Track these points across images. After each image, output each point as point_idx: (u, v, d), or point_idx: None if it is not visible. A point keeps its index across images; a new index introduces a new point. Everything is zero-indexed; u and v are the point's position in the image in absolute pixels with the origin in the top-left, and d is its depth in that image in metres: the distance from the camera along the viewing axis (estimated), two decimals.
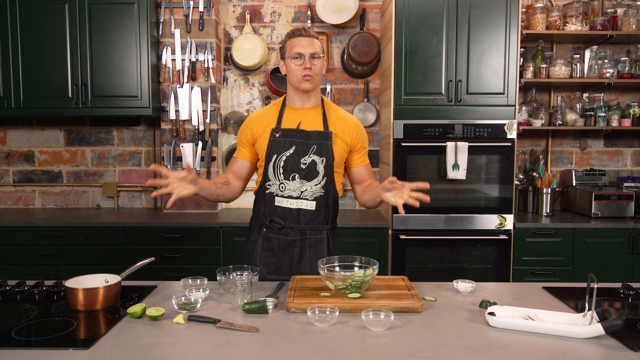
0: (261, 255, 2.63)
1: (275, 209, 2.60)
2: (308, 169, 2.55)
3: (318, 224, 2.62)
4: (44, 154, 4.98)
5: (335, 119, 2.64)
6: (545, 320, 1.84)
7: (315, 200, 2.58)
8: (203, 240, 4.15)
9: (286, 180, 2.56)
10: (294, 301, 2.02)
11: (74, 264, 4.15)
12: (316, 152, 2.55)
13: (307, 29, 2.62)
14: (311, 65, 2.51)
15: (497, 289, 2.38)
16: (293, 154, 2.55)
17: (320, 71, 2.57)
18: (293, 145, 2.55)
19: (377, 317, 1.85)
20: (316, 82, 2.56)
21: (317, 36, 2.59)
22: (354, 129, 2.66)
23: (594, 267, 4.13)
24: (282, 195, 2.58)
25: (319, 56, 2.55)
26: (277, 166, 2.56)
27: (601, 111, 4.59)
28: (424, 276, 4.16)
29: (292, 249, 2.61)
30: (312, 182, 2.56)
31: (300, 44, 2.53)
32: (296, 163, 2.55)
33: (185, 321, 1.89)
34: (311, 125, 2.60)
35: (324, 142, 2.57)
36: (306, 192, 2.56)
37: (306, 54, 2.51)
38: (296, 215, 2.58)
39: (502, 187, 4.15)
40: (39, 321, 1.89)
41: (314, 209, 2.58)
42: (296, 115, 2.62)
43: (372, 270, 2.11)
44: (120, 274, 2.20)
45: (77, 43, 4.35)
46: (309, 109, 2.64)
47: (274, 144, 2.57)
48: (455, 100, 4.11)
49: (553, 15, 4.46)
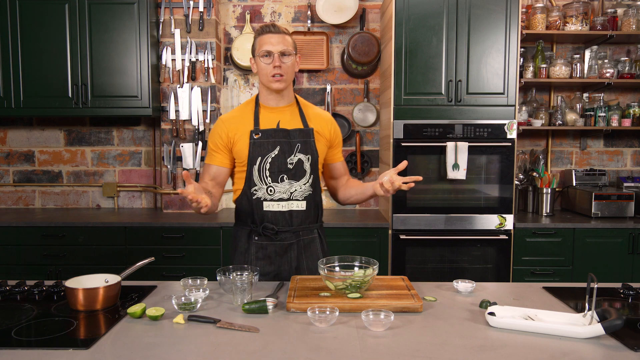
0: (257, 264, 2.53)
1: (265, 215, 2.50)
2: (295, 168, 2.49)
3: (309, 224, 2.58)
4: (44, 154, 4.98)
5: (313, 116, 2.61)
6: (545, 320, 1.84)
7: (306, 200, 2.53)
8: (203, 240, 4.15)
9: (274, 183, 2.48)
10: (294, 301, 2.02)
11: (74, 264, 4.15)
12: (301, 150, 2.50)
13: (277, 25, 2.48)
14: (280, 63, 2.43)
15: (497, 289, 2.38)
16: (278, 154, 2.47)
17: (291, 69, 2.48)
18: (277, 146, 2.47)
19: (377, 317, 1.85)
20: (287, 80, 2.48)
21: (287, 32, 2.50)
22: (331, 125, 2.65)
23: (594, 267, 4.13)
24: (272, 199, 2.49)
25: (290, 53, 2.45)
26: (262, 169, 2.47)
27: (601, 111, 4.59)
28: (424, 276, 4.16)
29: (290, 253, 2.54)
30: (300, 182, 2.50)
31: (270, 42, 2.44)
32: (282, 163, 2.47)
33: (185, 321, 1.89)
34: (290, 124, 2.54)
35: (307, 139, 2.52)
36: (296, 193, 2.50)
37: (275, 51, 2.42)
38: (288, 217, 2.51)
39: (502, 187, 4.15)
40: (39, 321, 1.89)
41: (304, 209, 2.53)
42: (273, 115, 2.54)
43: (372, 270, 2.11)
44: (120, 274, 2.20)
45: (77, 43, 4.35)
46: (284, 108, 2.57)
47: (256, 146, 2.47)
48: (455, 100, 4.11)
49: (553, 15, 4.46)
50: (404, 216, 4.15)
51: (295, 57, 2.51)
